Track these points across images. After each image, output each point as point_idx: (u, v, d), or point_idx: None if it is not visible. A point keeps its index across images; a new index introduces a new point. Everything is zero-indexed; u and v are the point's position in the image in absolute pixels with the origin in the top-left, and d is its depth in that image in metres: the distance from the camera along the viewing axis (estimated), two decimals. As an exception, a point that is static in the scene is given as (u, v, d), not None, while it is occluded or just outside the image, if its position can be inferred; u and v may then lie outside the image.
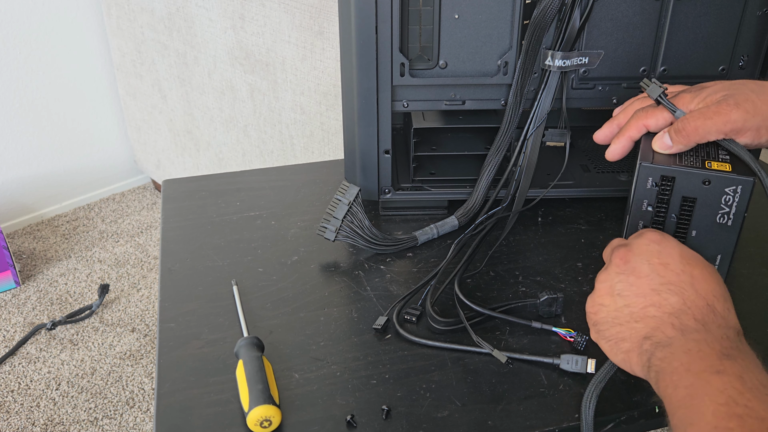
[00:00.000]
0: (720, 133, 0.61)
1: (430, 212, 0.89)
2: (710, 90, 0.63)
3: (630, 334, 0.54)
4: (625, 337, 0.55)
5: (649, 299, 0.54)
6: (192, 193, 0.94)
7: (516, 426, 0.60)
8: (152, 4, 2.01)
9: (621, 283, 0.56)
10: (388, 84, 0.80)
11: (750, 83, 0.62)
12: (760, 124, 0.60)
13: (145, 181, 2.65)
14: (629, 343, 0.54)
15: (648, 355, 0.52)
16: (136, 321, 1.95)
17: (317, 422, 0.60)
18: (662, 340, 0.52)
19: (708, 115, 0.61)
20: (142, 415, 1.66)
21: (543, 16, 0.76)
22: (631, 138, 0.67)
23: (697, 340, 0.50)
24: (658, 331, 0.53)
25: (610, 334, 0.56)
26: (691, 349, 0.50)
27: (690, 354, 0.49)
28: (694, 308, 0.52)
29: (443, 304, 0.74)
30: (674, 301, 0.53)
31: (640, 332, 0.54)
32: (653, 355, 0.52)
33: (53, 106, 2.33)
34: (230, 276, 0.78)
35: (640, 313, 0.54)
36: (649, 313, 0.54)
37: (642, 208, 0.67)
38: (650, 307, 0.54)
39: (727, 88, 0.62)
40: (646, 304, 0.54)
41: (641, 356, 0.53)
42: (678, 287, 0.54)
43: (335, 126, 1.60)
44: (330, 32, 1.50)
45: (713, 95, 0.62)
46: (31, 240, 2.31)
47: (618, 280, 0.56)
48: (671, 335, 0.52)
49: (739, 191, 0.63)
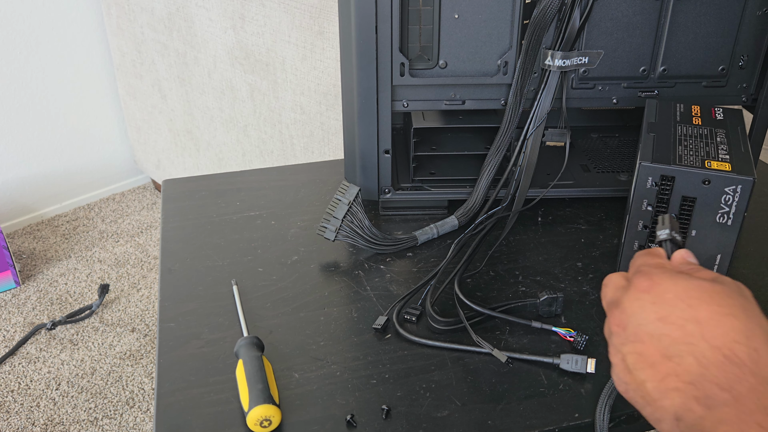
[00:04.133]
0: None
1: (430, 212, 0.89)
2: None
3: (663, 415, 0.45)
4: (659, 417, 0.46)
5: (663, 368, 0.45)
6: (192, 193, 0.94)
7: (516, 426, 0.60)
8: (152, 4, 2.01)
9: (630, 356, 0.47)
10: (388, 84, 0.80)
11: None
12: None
13: (145, 181, 2.65)
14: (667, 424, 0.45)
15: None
16: (136, 321, 1.95)
17: (317, 422, 0.60)
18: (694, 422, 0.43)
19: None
20: (142, 415, 1.66)
21: (543, 16, 0.76)
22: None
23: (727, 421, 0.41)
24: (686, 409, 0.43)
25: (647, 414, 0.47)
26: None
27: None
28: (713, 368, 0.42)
29: (443, 304, 0.74)
30: (689, 363, 0.43)
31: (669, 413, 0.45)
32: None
33: (53, 106, 2.33)
34: (230, 276, 0.78)
35: (661, 387, 0.45)
36: (669, 386, 0.44)
37: (642, 207, 0.67)
38: (668, 378, 0.44)
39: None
40: (662, 376, 0.45)
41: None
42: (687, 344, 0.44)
43: (335, 126, 1.60)
44: (330, 32, 1.50)
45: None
46: (31, 240, 2.31)
47: (627, 352, 0.47)
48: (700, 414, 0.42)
49: (738, 191, 0.63)
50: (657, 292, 0.47)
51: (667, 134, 0.69)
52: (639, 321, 0.47)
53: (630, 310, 0.48)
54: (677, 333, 0.45)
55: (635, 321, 0.48)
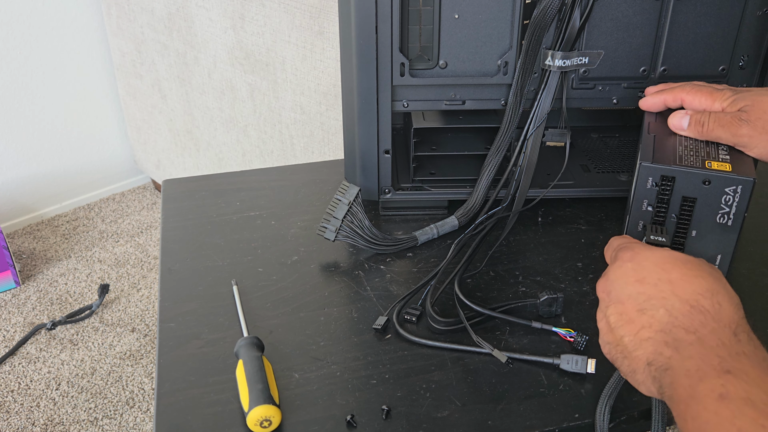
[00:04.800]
0: (729, 143, 0.66)
1: (430, 212, 0.89)
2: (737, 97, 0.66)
3: (637, 365, 0.51)
4: (634, 368, 0.51)
5: (639, 322, 0.51)
6: (192, 193, 0.94)
7: (516, 426, 0.60)
8: (152, 4, 2.01)
9: (612, 316, 0.53)
10: (388, 84, 0.80)
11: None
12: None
13: (145, 181, 2.65)
14: (640, 374, 0.51)
15: (658, 383, 0.49)
16: (136, 321, 1.95)
17: (317, 422, 0.60)
18: (663, 363, 0.49)
19: (721, 123, 0.65)
20: (142, 415, 1.66)
21: (543, 16, 0.76)
22: (665, 101, 0.72)
23: (692, 356, 0.47)
24: (656, 354, 0.49)
25: (624, 369, 0.53)
26: (689, 369, 0.46)
27: (690, 377, 0.46)
28: (681, 316, 0.49)
29: (443, 304, 0.74)
30: (661, 315, 0.50)
31: (642, 360, 0.50)
32: (662, 381, 0.48)
33: (53, 106, 2.33)
34: (230, 276, 0.78)
35: (636, 339, 0.51)
36: (643, 337, 0.51)
37: (642, 208, 0.67)
38: (642, 330, 0.51)
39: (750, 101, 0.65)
40: (637, 329, 0.51)
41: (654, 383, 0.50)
42: (660, 299, 0.51)
43: (335, 126, 1.60)
44: (330, 32, 1.50)
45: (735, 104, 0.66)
46: (31, 240, 2.31)
47: (609, 314, 0.54)
48: (669, 355, 0.48)
49: (739, 191, 0.63)
50: (637, 260, 0.54)
51: (667, 134, 0.69)
52: (620, 284, 0.54)
53: (613, 277, 0.55)
54: (652, 291, 0.52)
55: (617, 285, 0.54)
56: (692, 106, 0.69)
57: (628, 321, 0.52)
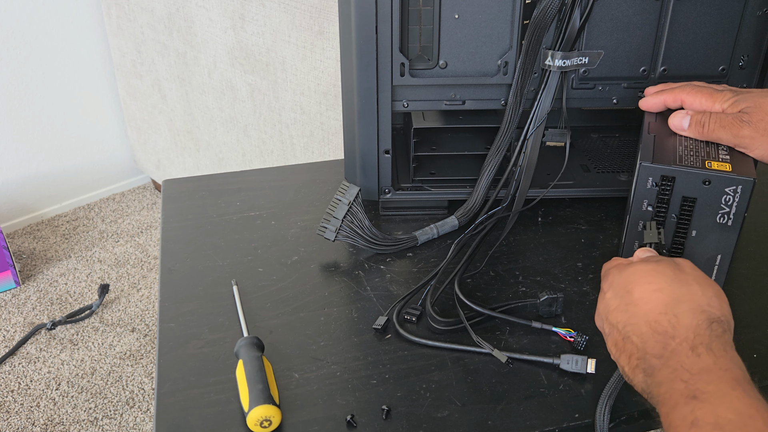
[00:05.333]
0: (730, 144, 0.66)
1: (430, 212, 0.89)
2: (738, 98, 0.66)
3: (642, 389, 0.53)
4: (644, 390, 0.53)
5: (627, 350, 0.53)
6: (192, 193, 0.94)
7: (516, 426, 0.60)
8: (152, 4, 2.00)
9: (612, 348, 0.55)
10: (388, 84, 0.80)
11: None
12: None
13: (145, 181, 2.65)
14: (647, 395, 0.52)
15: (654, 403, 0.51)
16: (136, 321, 1.95)
17: (317, 422, 0.60)
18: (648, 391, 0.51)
19: (722, 123, 0.66)
20: (142, 415, 1.66)
21: (543, 16, 0.76)
22: (665, 102, 0.72)
23: (662, 383, 0.48)
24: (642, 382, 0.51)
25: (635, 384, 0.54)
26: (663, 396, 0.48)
27: (665, 404, 0.48)
28: (648, 342, 0.51)
29: (443, 304, 0.74)
30: (635, 341, 0.52)
31: (638, 387, 0.52)
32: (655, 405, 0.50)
33: (53, 106, 2.33)
34: (230, 276, 0.78)
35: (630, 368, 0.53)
36: (633, 365, 0.52)
37: (642, 208, 0.67)
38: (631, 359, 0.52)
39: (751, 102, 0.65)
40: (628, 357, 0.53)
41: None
42: (631, 326, 0.52)
43: (335, 126, 1.60)
44: (330, 32, 1.50)
45: (736, 105, 0.66)
46: (31, 240, 2.31)
47: (609, 345, 0.56)
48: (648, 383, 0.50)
49: (739, 191, 0.63)
50: (613, 287, 0.56)
51: (667, 134, 0.69)
52: (604, 316, 0.56)
53: (600, 309, 0.57)
54: (622, 317, 0.53)
55: (602, 317, 0.56)
56: (692, 107, 0.69)
57: (621, 350, 0.54)
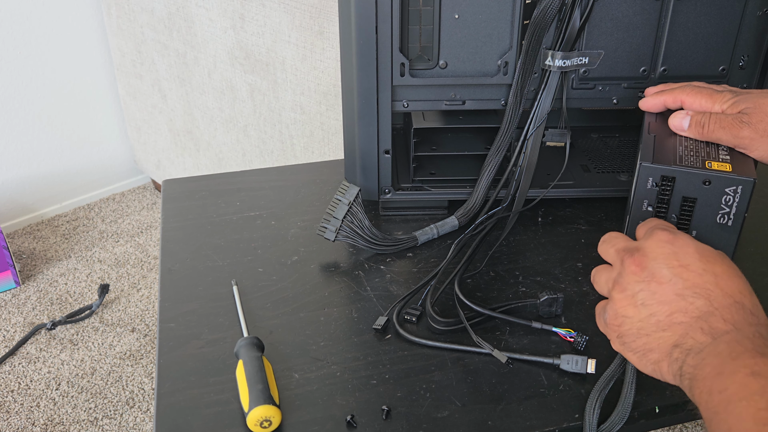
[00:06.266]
0: (730, 144, 0.66)
1: (430, 212, 0.89)
2: (738, 99, 0.66)
3: (658, 344, 0.52)
4: (653, 347, 0.53)
5: (675, 305, 0.52)
6: (192, 193, 0.94)
7: (516, 426, 0.60)
8: (152, 4, 2.01)
9: (642, 292, 0.53)
10: (388, 84, 0.80)
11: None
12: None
13: (145, 181, 2.65)
14: (658, 353, 0.52)
15: (679, 364, 0.50)
16: (136, 321, 1.95)
17: (317, 422, 0.60)
18: (693, 347, 0.50)
19: (722, 124, 0.66)
20: (142, 415, 1.66)
21: (543, 16, 0.76)
22: (665, 102, 0.72)
23: (727, 341, 0.48)
24: (688, 337, 0.50)
25: (637, 346, 0.54)
26: (722, 351, 0.47)
27: (721, 356, 0.47)
28: (722, 309, 0.50)
29: (443, 304, 0.74)
30: (701, 304, 0.51)
31: (668, 341, 0.51)
32: (684, 362, 0.50)
33: (53, 105, 2.33)
34: (230, 276, 0.78)
35: (667, 321, 0.52)
36: (675, 320, 0.51)
37: (642, 208, 0.67)
38: (676, 314, 0.51)
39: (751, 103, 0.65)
40: (671, 311, 0.52)
41: (672, 365, 0.51)
42: (703, 289, 0.51)
43: (335, 126, 1.60)
44: (330, 32, 1.50)
45: (736, 106, 0.66)
46: (31, 240, 2.31)
47: (639, 289, 0.54)
48: (702, 341, 0.49)
49: (739, 191, 0.63)
50: (678, 245, 0.54)
51: (667, 135, 0.69)
52: (660, 264, 0.54)
53: (652, 255, 0.55)
54: (696, 279, 0.52)
55: (657, 264, 0.54)
56: (692, 108, 0.69)
57: (663, 302, 0.52)
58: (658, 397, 0.62)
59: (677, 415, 0.63)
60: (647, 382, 0.63)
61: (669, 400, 0.62)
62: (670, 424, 0.68)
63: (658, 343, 0.52)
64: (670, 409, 0.62)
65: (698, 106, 0.69)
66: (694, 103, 0.69)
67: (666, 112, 0.72)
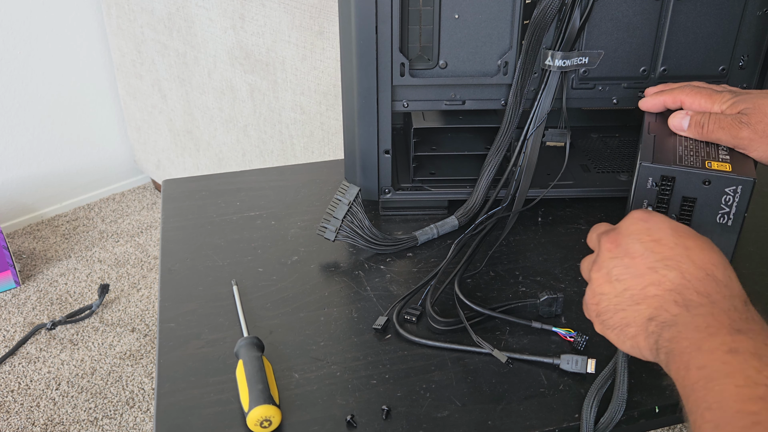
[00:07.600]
0: (729, 145, 0.66)
1: (430, 212, 0.89)
2: (737, 99, 0.67)
3: (634, 318, 0.52)
4: (629, 322, 0.53)
5: (648, 278, 0.52)
6: (192, 193, 0.94)
7: (516, 426, 0.60)
8: (152, 4, 2.01)
9: (617, 268, 0.54)
10: (388, 84, 0.80)
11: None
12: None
13: (145, 181, 2.65)
14: (634, 327, 0.52)
15: (655, 337, 0.50)
16: (136, 321, 1.95)
17: (317, 422, 0.60)
18: (667, 320, 0.50)
19: (721, 124, 0.66)
20: (142, 415, 1.66)
21: (543, 16, 0.76)
22: (664, 102, 0.73)
23: (703, 314, 0.48)
24: (662, 310, 0.51)
25: (614, 322, 0.54)
26: (699, 325, 0.47)
27: (699, 331, 0.47)
28: (695, 280, 0.50)
29: (443, 304, 0.74)
30: (673, 276, 0.51)
31: (643, 314, 0.52)
32: (660, 336, 0.50)
33: (53, 105, 2.33)
34: (230, 276, 0.78)
35: (641, 294, 0.52)
36: (649, 293, 0.52)
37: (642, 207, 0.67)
38: (650, 287, 0.52)
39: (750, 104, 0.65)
40: (645, 284, 0.52)
41: (648, 339, 0.51)
42: (674, 261, 0.52)
43: (335, 126, 1.60)
44: (330, 32, 1.50)
45: (735, 106, 0.66)
46: (31, 240, 2.31)
47: (613, 265, 0.55)
48: (675, 312, 0.50)
49: (739, 191, 0.63)
50: (653, 222, 0.55)
51: (667, 134, 0.69)
52: (633, 240, 0.54)
53: (626, 231, 0.55)
54: (667, 252, 0.52)
55: (630, 239, 0.55)
56: (692, 108, 0.70)
57: (636, 275, 0.53)
58: (658, 397, 0.62)
59: (677, 414, 0.63)
60: (647, 382, 0.63)
61: (669, 399, 0.62)
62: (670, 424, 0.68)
63: (634, 317, 0.52)
64: (669, 409, 0.62)
65: (698, 106, 0.69)
66: (693, 103, 0.69)
67: (666, 112, 0.72)
